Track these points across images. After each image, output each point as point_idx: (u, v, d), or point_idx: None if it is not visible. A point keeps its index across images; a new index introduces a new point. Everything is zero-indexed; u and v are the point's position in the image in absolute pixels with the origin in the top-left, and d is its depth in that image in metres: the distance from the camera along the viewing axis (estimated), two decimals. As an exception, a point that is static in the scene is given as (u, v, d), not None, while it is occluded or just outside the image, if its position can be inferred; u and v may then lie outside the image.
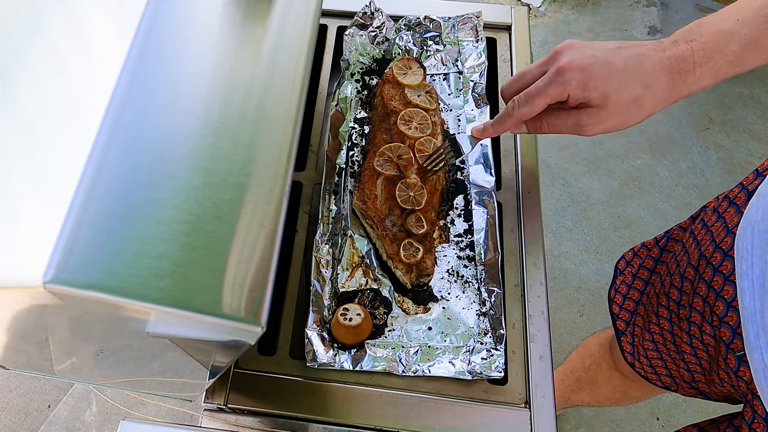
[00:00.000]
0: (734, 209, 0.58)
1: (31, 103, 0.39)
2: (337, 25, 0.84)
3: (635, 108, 0.54)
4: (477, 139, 0.63)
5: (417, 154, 0.67)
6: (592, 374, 1.02)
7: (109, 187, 0.36)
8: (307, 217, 0.70)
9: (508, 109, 0.58)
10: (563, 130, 0.57)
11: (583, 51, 0.54)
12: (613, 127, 0.55)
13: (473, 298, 0.64)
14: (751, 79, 1.83)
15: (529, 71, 0.58)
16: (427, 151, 0.67)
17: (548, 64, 0.56)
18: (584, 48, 0.54)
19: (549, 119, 0.58)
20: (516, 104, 0.57)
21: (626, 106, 0.53)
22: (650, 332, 0.70)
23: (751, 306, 0.50)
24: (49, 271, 0.31)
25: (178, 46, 0.44)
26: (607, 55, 0.53)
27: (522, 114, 0.57)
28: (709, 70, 0.52)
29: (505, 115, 0.59)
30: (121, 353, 0.49)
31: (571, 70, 0.53)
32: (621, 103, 0.53)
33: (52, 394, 1.38)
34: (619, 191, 1.65)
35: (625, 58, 0.53)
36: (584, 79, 0.52)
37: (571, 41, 0.56)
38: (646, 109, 0.54)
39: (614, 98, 0.53)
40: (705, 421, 0.64)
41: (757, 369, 0.49)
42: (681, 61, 0.52)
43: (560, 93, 0.54)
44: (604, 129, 0.56)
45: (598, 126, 0.55)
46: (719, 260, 0.57)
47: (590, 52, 0.53)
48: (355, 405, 0.58)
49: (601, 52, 0.53)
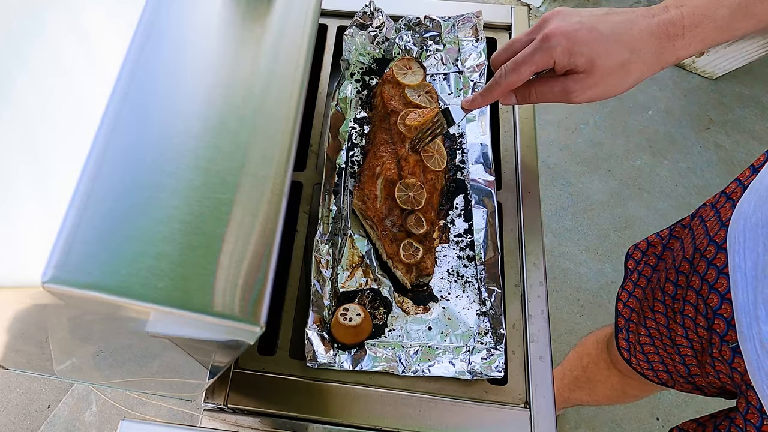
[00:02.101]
0: (730, 204, 0.59)
1: (30, 103, 0.39)
2: (337, 25, 0.84)
3: (622, 73, 0.53)
4: (467, 110, 0.63)
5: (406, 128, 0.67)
6: (590, 373, 1.02)
7: (109, 187, 0.36)
8: (307, 217, 0.70)
9: (496, 78, 0.58)
10: (551, 98, 0.57)
11: (569, 18, 0.54)
12: (601, 93, 0.55)
13: (473, 298, 0.64)
14: (751, 79, 1.83)
15: (518, 40, 0.58)
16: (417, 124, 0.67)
17: (535, 32, 0.56)
18: (571, 15, 0.54)
19: (537, 87, 0.58)
20: (503, 73, 0.57)
21: (613, 71, 0.53)
22: (646, 327, 0.70)
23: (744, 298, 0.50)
24: (48, 270, 0.31)
25: (177, 45, 0.44)
26: (593, 21, 0.53)
27: (509, 82, 0.56)
28: (698, 35, 0.52)
29: (493, 84, 0.58)
30: (121, 353, 0.49)
31: (556, 36, 0.53)
32: (607, 68, 0.53)
33: (52, 394, 1.38)
34: (619, 191, 1.65)
35: (613, 24, 0.53)
36: (569, 45, 0.52)
37: (560, 8, 0.55)
38: (634, 75, 0.54)
39: (600, 63, 0.52)
40: (704, 417, 0.64)
41: (751, 360, 0.50)
42: (670, 25, 0.52)
43: (546, 60, 0.54)
44: (591, 96, 0.55)
45: (585, 92, 0.55)
46: (713, 253, 0.57)
47: (576, 19, 0.53)
48: (355, 405, 0.58)
49: (588, 18, 0.53)
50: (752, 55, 1.67)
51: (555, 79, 0.56)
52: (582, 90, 0.55)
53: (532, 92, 0.58)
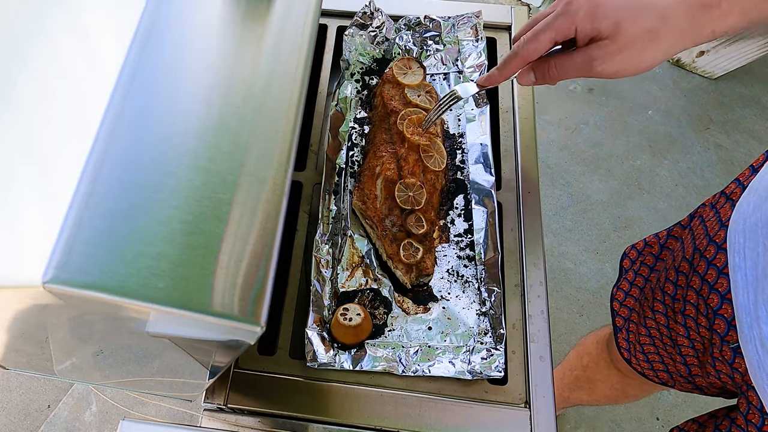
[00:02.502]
0: (729, 204, 0.58)
1: (30, 104, 0.39)
2: (337, 25, 0.84)
3: (650, 41, 0.49)
4: (482, 87, 0.60)
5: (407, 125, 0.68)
6: (590, 372, 1.02)
7: (109, 187, 0.36)
8: (307, 217, 0.70)
9: (514, 49, 0.54)
10: (572, 70, 0.53)
11: None
12: (628, 64, 0.50)
13: (473, 298, 0.64)
14: (751, 79, 1.83)
15: (541, 14, 0.55)
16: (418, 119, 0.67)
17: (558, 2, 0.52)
18: None
19: (557, 60, 0.54)
20: (522, 42, 0.53)
21: (640, 36, 0.48)
22: (646, 327, 0.70)
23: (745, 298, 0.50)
24: (48, 270, 0.31)
25: (178, 46, 0.44)
26: None
27: (528, 52, 0.53)
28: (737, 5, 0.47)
29: (512, 55, 0.54)
30: (121, 353, 0.49)
31: (578, 1, 0.50)
32: (634, 33, 0.48)
33: (52, 394, 1.38)
34: (619, 191, 1.65)
35: None
36: (592, 8, 0.49)
37: None
38: (664, 45, 0.49)
39: (626, 28, 0.48)
40: (703, 416, 0.65)
41: (752, 360, 0.50)
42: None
43: (567, 25, 0.50)
44: (617, 65, 0.50)
45: (610, 60, 0.50)
46: (713, 253, 0.57)
47: None
48: (355, 405, 0.58)
49: None
50: (752, 55, 1.67)
51: (577, 51, 0.52)
52: (606, 57, 0.50)
53: (552, 66, 0.54)
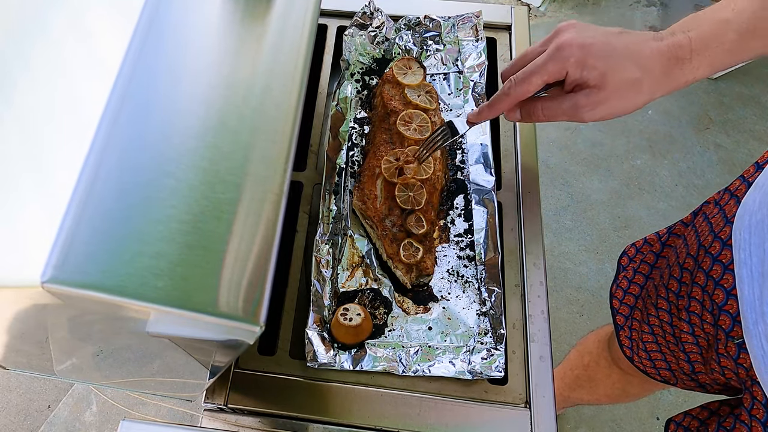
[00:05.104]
0: (734, 201, 0.59)
1: (29, 103, 0.39)
2: (337, 25, 0.84)
3: (633, 91, 0.52)
4: (472, 123, 0.62)
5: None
6: (591, 371, 1.02)
7: (108, 187, 0.36)
8: (307, 217, 0.70)
9: (505, 89, 0.56)
10: (559, 114, 0.56)
11: (584, 31, 0.53)
12: (611, 110, 0.54)
13: (473, 298, 0.64)
14: (751, 79, 1.83)
15: (531, 51, 0.57)
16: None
17: (548, 42, 0.55)
18: (586, 28, 0.53)
19: (545, 103, 0.56)
20: (513, 83, 0.55)
21: (625, 87, 0.52)
22: (649, 324, 0.71)
23: (750, 294, 0.51)
24: (47, 270, 0.31)
25: (177, 45, 0.44)
26: (608, 36, 0.53)
27: (519, 93, 0.55)
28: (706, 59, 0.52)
29: (501, 94, 0.57)
30: (120, 353, 0.49)
31: (570, 47, 0.52)
32: (619, 84, 0.52)
33: (52, 394, 1.38)
34: (619, 191, 1.65)
35: (626, 42, 0.52)
36: (583, 56, 0.52)
37: (573, 21, 0.55)
38: (644, 94, 0.53)
39: (612, 79, 0.51)
40: (703, 412, 0.65)
41: (757, 356, 0.50)
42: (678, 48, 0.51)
43: (558, 70, 0.53)
44: (602, 113, 0.54)
45: (595, 108, 0.53)
46: (718, 249, 0.58)
47: (591, 33, 0.53)
48: (355, 405, 0.58)
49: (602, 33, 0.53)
50: (752, 55, 1.67)
51: (564, 96, 0.55)
52: (593, 105, 0.53)
53: (538, 108, 0.57)
